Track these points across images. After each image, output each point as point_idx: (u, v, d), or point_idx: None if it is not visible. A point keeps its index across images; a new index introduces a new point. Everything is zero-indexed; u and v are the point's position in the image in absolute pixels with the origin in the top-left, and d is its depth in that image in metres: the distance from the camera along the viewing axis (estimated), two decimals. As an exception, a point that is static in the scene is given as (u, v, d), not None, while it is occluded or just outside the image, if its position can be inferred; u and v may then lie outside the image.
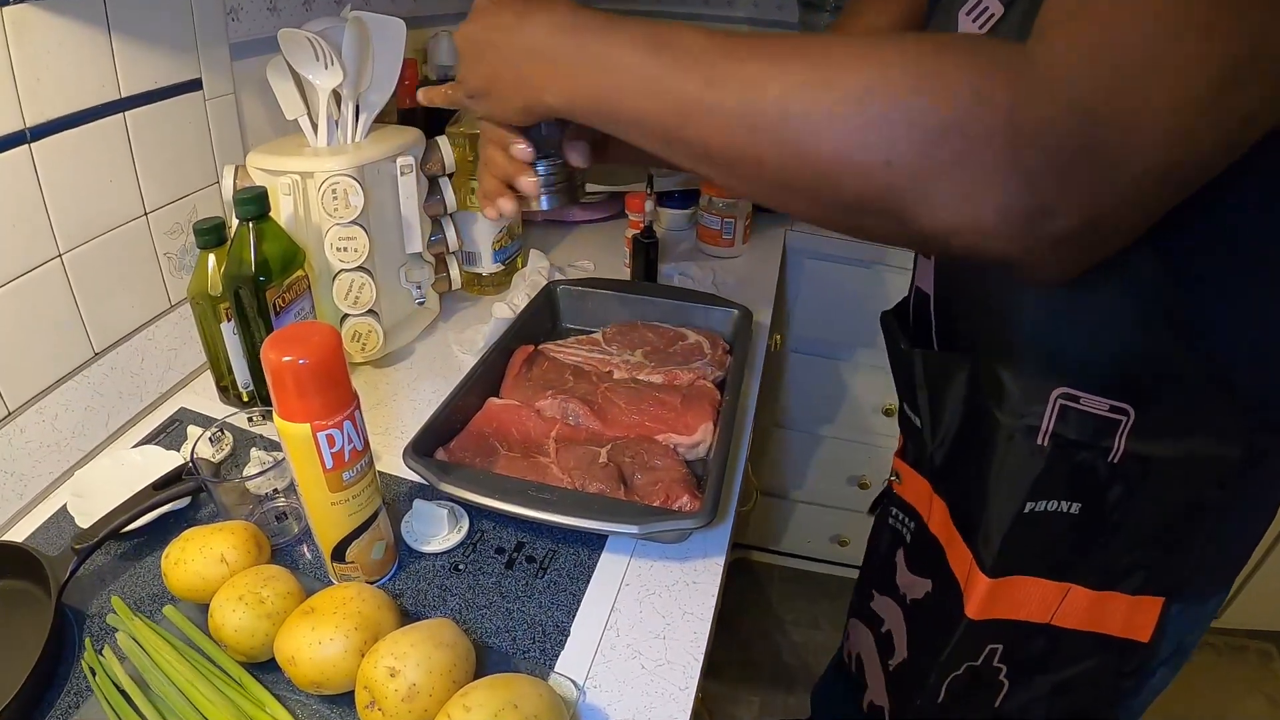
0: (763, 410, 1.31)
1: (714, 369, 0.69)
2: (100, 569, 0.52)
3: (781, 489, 1.38)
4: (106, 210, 0.62)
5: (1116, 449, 0.43)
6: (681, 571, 0.53)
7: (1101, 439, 0.43)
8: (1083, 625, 0.49)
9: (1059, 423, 0.44)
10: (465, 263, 0.86)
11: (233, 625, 0.44)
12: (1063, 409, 0.43)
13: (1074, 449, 0.44)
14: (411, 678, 0.39)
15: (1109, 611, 0.48)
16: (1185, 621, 0.49)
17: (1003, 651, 0.53)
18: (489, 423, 0.61)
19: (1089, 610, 0.48)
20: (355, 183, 0.66)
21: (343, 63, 0.67)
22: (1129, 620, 0.48)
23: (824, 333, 1.18)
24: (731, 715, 1.21)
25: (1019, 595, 0.50)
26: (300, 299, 0.64)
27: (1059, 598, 0.49)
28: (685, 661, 0.47)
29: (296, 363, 0.42)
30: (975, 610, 0.52)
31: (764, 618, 1.41)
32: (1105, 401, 0.42)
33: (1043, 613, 0.50)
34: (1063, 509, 0.46)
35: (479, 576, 0.51)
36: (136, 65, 0.62)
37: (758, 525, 1.46)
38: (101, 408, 0.62)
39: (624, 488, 0.55)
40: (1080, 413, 0.43)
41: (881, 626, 0.67)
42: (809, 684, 1.09)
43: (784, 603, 1.44)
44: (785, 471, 1.36)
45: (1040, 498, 0.46)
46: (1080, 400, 0.42)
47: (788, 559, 1.49)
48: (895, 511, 0.65)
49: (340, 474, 0.46)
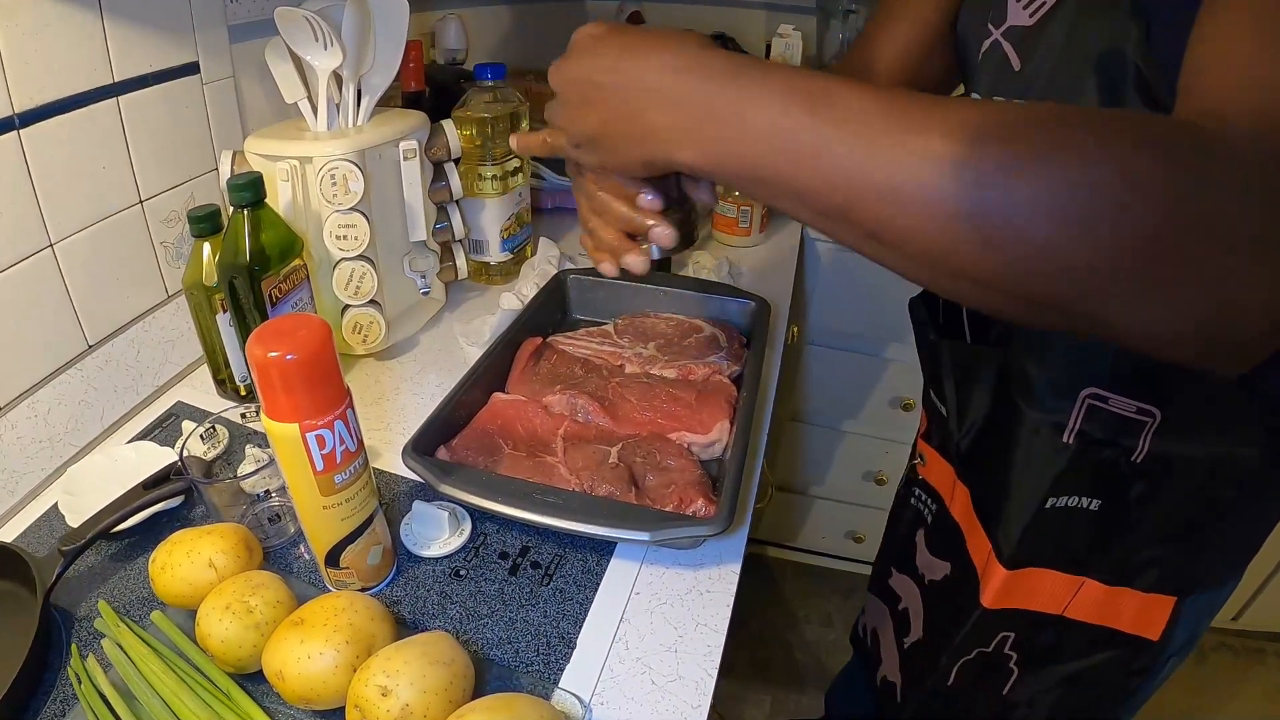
0: (779, 403, 1.28)
1: (731, 363, 0.66)
2: (91, 569, 0.50)
3: (797, 484, 1.35)
4: (100, 198, 0.60)
5: (1141, 449, 0.43)
6: (695, 579, 0.49)
7: (1126, 438, 0.43)
8: (1094, 619, 0.50)
9: (1086, 421, 0.44)
10: (472, 251, 0.83)
11: (219, 636, 0.42)
12: (1090, 408, 0.43)
13: (1099, 447, 0.44)
14: (404, 698, 0.36)
15: (1121, 607, 0.49)
16: (1196, 614, 0.49)
17: (1014, 640, 0.53)
18: (494, 419, 0.58)
19: (1101, 605, 0.49)
20: (355, 168, 0.63)
21: (342, 43, 0.64)
22: (1140, 617, 0.49)
23: (843, 324, 1.14)
24: (742, 714, 1.18)
25: (1034, 586, 0.51)
26: (298, 289, 0.62)
27: (1072, 591, 0.49)
28: (699, 676, 0.44)
29: (283, 358, 0.40)
30: (991, 599, 0.52)
31: (777, 614, 1.38)
32: (1133, 403, 0.42)
33: (1056, 604, 0.50)
34: (1083, 505, 0.46)
35: (481, 583, 0.49)
36: (130, 48, 0.60)
37: (772, 520, 1.43)
38: (96, 402, 0.60)
39: (635, 490, 0.52)
40: (1108, 413, 0.43)
41: (899, 604, 0.67)
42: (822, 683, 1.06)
43: (798, 599, 1.41)
44: (801, 466, 1.32)
45: (1062, 493, 0.47)
46: (1109, 401, 0.43)
47: (802, 554, 1.46)
48: (918, 492, 0.65)
49: (332, 476, 0.43)
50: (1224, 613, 1.34)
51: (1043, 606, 0.51)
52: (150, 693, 0.42)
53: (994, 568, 0.51)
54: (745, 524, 0.53)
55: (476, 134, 0.78)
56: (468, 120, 0.78)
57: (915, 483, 0.67)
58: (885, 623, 0.72)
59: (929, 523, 0.63)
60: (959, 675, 0.58)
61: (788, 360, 1.23)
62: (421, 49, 0.82)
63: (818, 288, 1.11)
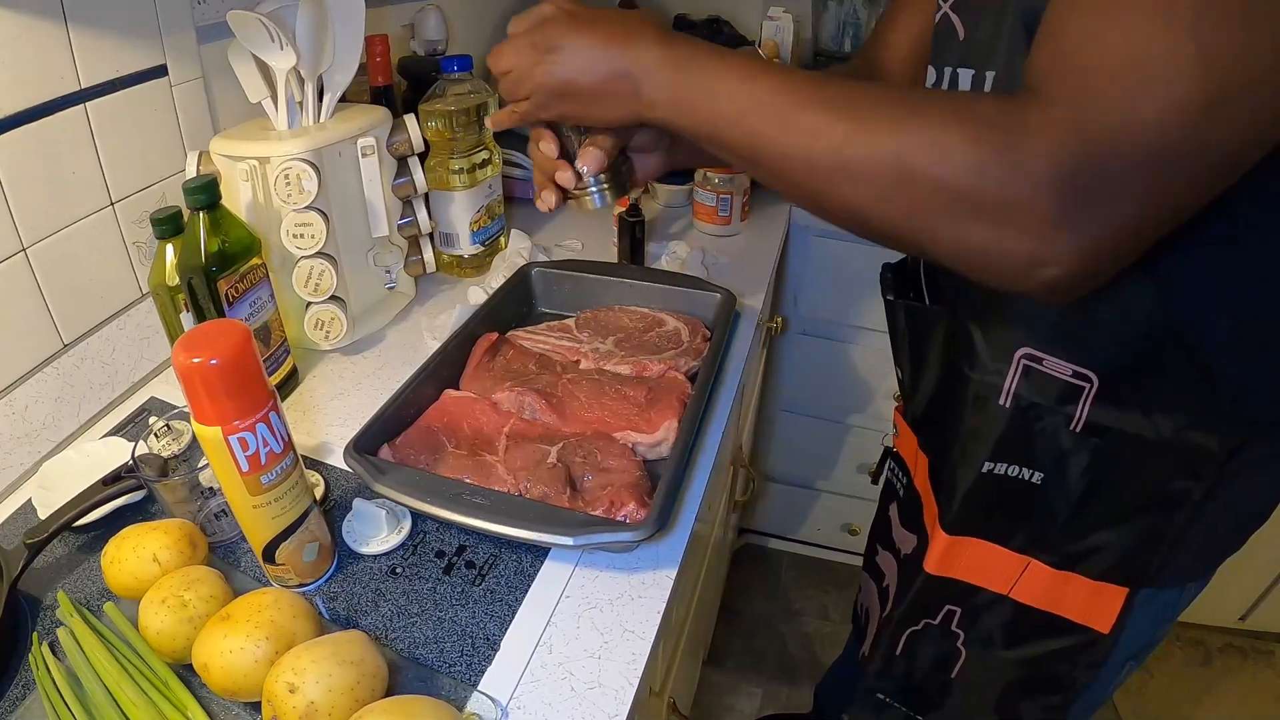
0: (770, 395, 1.26)
1: (688, 359, 0.65)
2: (58, 561, 0.53)
3: (790, 475, 1.33)
4: (70, 202, 0.62)
5: (1079, 417, 0.43)
6: (628, 584, 0.49)
7: (1064, 405, 0.43)
8: (1041, 603, 0.50)
9: (1022, 383, 0.44)
10: (443, 245, 0.84)
11: (155, 628, 0.43)
12: (1026, 369, 0.44)
13: (1036, 412, 0.44)
14: (310, 695, 0.37)
15: (1069, 593, 0.49)
16: (1153, 615, 0.49)
17: (961, 616, 0.54)
18: (440, 417, 0.59)
19: (1049, 589, 0.49)
20: (309, 167, 0.63)
21: (295, 44, 0.64)
22: (1090, 607, 0.48)
23: (833, 314, 1.11)
24: (732, 706, 1.19)
25: (976, 558, 0.52)
26: (256, 288, 0.63)
27: (1018, 570, 0.50)
28: (619, 685, 0.44)
29: (206, 363, 0.41)
30: (933, 565, 0.54)
31: (771, 606, 1.37)
32: (1068, 365, 0.42)
33: (1002, 583, 0.51)
34: (1024, 475, 0.47)
35: (415, 581, 0.50)
36: (97, 55, 0.61)
37: (766, 512, 1.42)
38: (72, 398, 0.63)
39: (570, 491, 0.52)
40: (1043, 374, 0.43)
41: (883, 581, 0.69)
42: (814, 677, 1.05)
43: (793, 591, 1.40)
44: (794, 458, 1.31)
45: (1000, 459, 0.47)
46: (1044, 362, 0.43)
47: (799, 546, 1.45)
48: (892, 465, 0.67)
49: (258, 477, 0.44)
50: (1231, 613, 1.29)
51: (988, 583, 0.52)
52: (95, 680, 0.44)
53: (937, 533, 0.53)
54: (685, 529, 0.53)
55: (444, 126, 0.78)
56: (435, 114, 0.78)
57: (890, 455, 0.68)
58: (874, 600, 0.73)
59: (900, 495, 0.65)
60: (906, 645, 0.60)
61: (776, 351, 1.20)
62: (388, 43, 0.82)
63: (806, 277, 1.09)
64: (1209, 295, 0.39)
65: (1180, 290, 0.38)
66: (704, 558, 0.79)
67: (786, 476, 1.33)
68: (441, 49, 1.00)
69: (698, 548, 0.69)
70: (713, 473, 0.59)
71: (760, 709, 1.18)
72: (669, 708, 0.67)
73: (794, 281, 1.11)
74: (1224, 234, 0.37)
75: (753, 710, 1.18)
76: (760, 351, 1.08)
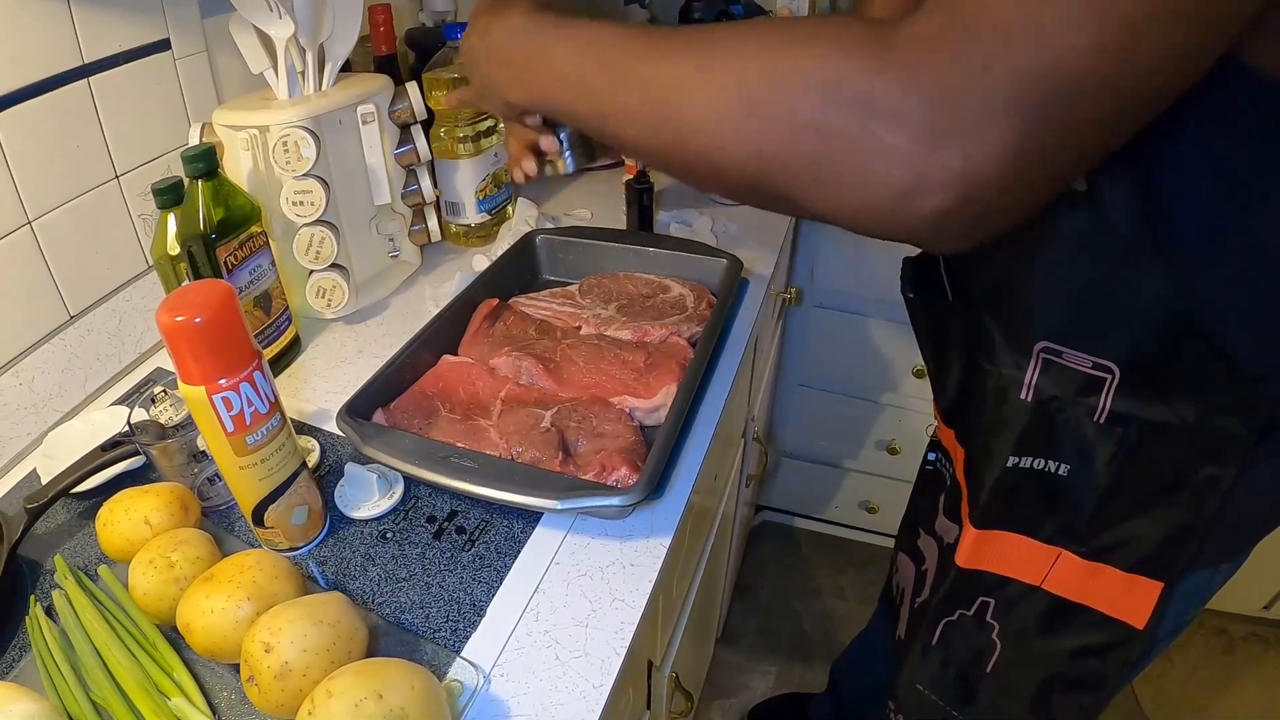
0: (786, 370, 1.22)
1: (691, 325, 0.62)
2: (60, 526, 0.54)
3: (809, 452, 1.30)
4: (75, 176, 0.62)
5: (1102, 408, 0.41)
6: (620, 552, 0.47)
7: (1086, 396, 0.41)
8: (1075, 595, 0.49)
9: (1042, 377, 0.43)
10: (449, 213, 0.82)
11: (142, 589, 0.43)
12: (1045, 363, 0.42)
13: (1058, 405, 0.43)
14: (285, 655, 0.37)
15: (1101, 585, 0.48)
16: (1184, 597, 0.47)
17: (995, 607, 0.53)
18: (436, 382, 0.57)
19: (1081, 580, 0.48)
20: (307, 134, 0.63)
21: (293, 13, 0.63)
22: (1122, 599, 0.47)
23: (852, 287, 1.07)
24: (745, 685, 1.16)
25: (1006, 550, 0.51)
26: (256, 256, 0.62)
27: (1050, 561, 0.49)
28: (605, 655, 0.42)
29: (190, 321, 0.40)
30: (964, 558, 0.53)
31: (787, 584, 1.34)
32: (1087, 358, 0.40)
33: (1034, 574, 0.50)
34: (1050, 468, 0.45)
35: (405, 546, 0.49)
36: (99, 30, 0.61)
37: (784, 489, 1.38)
38: (79, 369, 0.64)
39: (562, 455, 0.50)
40: (1063, 368, 0.41)
41: (923, 564, 0.68)
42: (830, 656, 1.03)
43: (809, 569, 1.37)
44: (812, 434, 1.27)
45: (1025, 453, 0.46)
46: (1063, 355, 0.41)
47: (818, 524, 1.41)
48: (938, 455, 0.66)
49: (243, 438, 0.43)
50: (1255, 601, 1.22)
51: (1020, 575, 0.51)
52: (85, 642, 0.44)
53: (967, 526, 0.52)
54: (683, 495, 0.51)
55: (447, 95, 0.77)
56: (439, 81, 0.77)
57: (935, 445, 0.67)
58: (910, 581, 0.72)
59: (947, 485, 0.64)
60: (942, 636, 0.59)
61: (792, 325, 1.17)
62: (390, 13, 0.81)
63: (823, 249, 1.05)
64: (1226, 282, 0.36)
65: (1197, 277, 0.36)
66: (708, 532, 0.77)
67: (805, 453, 1.30)
68: (450, 19, 0.99)
69: (699, 520, 0.67)
70: (714, 441, 0.56)
71: (774, 688, 1.16)
72: (672, 682, 0.65)
73: (809, 254, 1.08)
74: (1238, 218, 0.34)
75: (767, 689, 1.16)
76: (775, 324, 1.04)
